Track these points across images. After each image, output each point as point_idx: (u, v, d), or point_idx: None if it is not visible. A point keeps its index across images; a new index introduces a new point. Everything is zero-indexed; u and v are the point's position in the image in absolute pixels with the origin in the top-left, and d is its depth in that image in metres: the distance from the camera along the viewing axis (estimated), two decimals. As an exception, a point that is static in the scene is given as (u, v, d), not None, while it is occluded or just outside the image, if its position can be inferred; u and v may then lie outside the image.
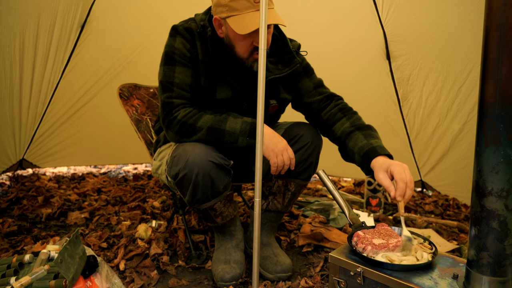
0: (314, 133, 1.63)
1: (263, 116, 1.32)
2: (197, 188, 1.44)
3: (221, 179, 1.47)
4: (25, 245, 1.90)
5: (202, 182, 1.43)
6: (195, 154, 1.42)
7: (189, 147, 1.44)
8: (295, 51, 1.64)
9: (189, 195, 1.47)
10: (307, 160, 1.59)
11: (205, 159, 1.41)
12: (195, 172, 1.41)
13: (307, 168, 1.61)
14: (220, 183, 1.47)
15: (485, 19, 0.98)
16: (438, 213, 2.50)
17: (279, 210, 1.69)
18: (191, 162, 1.41)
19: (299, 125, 1.65)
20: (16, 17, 2.26)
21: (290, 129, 1.65)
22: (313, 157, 1.60)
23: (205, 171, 1.41)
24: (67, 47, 2.59)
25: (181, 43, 1.49)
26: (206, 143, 1.46)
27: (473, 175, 1.05)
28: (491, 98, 0.98)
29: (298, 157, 1.57)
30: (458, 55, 2.33)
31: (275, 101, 1.61)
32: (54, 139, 2.94)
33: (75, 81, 2.76)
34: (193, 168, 1.40)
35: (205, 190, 1.46)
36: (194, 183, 1.43)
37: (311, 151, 1.58)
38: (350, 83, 2.83)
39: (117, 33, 2.71)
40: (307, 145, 1.58)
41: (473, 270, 1.06)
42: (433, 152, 2.68)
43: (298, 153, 1.57)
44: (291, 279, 1.64)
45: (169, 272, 1.69)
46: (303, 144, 1.58)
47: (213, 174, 1.43)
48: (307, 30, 2.80)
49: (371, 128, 1.56)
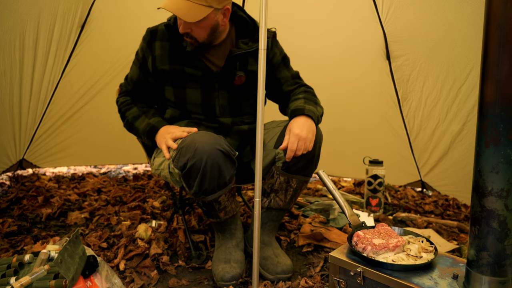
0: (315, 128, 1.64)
1: (263, 116, 1.32)
2: (205, 177, 1.46)
3: (227, 169, 1.50)
4: (25, 245, 1.90)
5: (210, 171, 1.45)
6: (204, 143, 1.45)
7: (196, 137, 1.48)
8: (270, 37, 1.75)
9: (197, 185, 1.49)
10: (308, 155, 1.58)
11: (213, 147, 1.45)
12: (204, 160, 1.43)
13: (309, 163, 1.61)
14: (227, 173, 1.50)
15: (485, 19, 0.98)
16: (438, 213, 2.50)
17: (281, 207, 1.69)
18: (200, 151, 1.43)
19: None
20: (16, 17, 2.26)
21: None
22: (315, 152, 1.60)
23: (213, 160, 1.44)
24: (67, 47, 2.59)
25: (140, 46, 1.74)
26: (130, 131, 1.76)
27: (473, 175, 1.05)
28: (491, 98, 0.98)
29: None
30: (458, 55, 2.33)
31: (242, 73, 1.69)
32: (54, 139, 2.94)
33: (75, 81, 2.76)
34: (202, 157, 1.43)
35: (212, 179, 1.48)
36: (203, 172, 1.45)
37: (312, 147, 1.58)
38: (350, 83, 2.84)
39: (117, 33, 2.72)
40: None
41: (473, 270, 1.06)
42: (433, 152, 2.68)
43: None
44: (291, 279, 1.64)
45: (169, 272, 1.69)
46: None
47: (220, 163, 1.46)
48: (307, 30, 2.80)
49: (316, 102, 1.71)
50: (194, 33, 1.57)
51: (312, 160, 1.61)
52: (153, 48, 1.68)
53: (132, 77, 1.78)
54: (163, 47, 1.67)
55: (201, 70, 1.66)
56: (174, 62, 1.67)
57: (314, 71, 2.88)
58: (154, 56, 1.68)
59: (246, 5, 2.86)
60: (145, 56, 1.71)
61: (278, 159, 1.62)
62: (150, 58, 1.69)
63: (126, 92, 1.81)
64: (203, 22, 1.55)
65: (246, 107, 1.75)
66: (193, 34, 1.58)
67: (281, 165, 1.61)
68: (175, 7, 1.49)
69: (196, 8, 1.50)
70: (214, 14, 1.56)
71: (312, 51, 2.82)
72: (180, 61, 1.66)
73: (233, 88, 1.70)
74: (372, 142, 2.91)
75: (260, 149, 1.32)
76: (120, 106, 1.80)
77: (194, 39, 1.59)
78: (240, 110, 1.74)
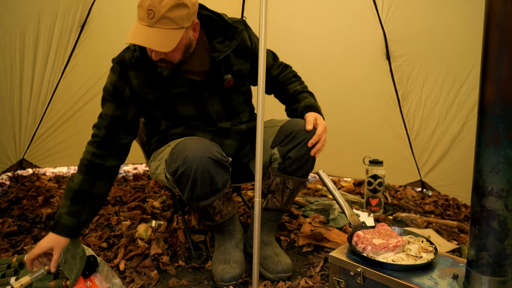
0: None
1: (263, 116, 1.32)
2: (196, 184, 1.45)
3: (219, 175, 1.48)
4: (25, 245, 1.90)
5: (201, 178, 1.43)
6: (194, 150, 1.43)
7: (188, 144, 1.46)
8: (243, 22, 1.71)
9: (188, 192, 1.48)
10: (304, 156, 1.58)
11: (203, 155, 1.42)
12: (194, 168, 1.41)
13: (304, 164, 1.60)
14: (219, 180, 1.48)
15: (485, 19, 0.98)
16: (438, 213, 2.50)
17: (279, 208, 1.69)
18: (190, 158, 1.41)
19: (295, 122, 1.63)
20: (16, 17, 2.26)
21: (286, 125, 1.64)
22: (310, 153, 1.59)
23: (203, 167, 1.42)
24: (67, 47, 2.59)
25: (109, 79, 1.58)
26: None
27: (473, 175, 1.05)
28: (491, 98, 0.98)
29: (295, 153, 1.57)
30: (457, 56, 2.33)
31: (229, 76, 1.63)
32: (54, 139, 2.94)
33: (75, 81, 2.76)
34: (191, 164, 1.41)
35: (204, 186, 1.46)
36: (193, 179, 1.43)
37: (307, 147, 1.57)
38: (350, 83, 2.84)
39: (117, 33, 2.71)
40: (303, 141, 1.56)
41: (473, 270, 1.06)
42: (433, 152, 2.68)
43: (295, 149, 1.57)
44: (291, 279, 1.64)
45: (169, 272, 1.69)
46: (299, 141, 1.57)
47: (211, 170, 1.44)
48: (308, 30, 2.80)
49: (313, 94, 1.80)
50: (169, 57, 1.49)
51: (308, 161, 1.60)
52: (127, 79, 1.56)
53: (107, 113, 1.58)
54: (138, 76, 1.56)
55: (186, 86, 1.59)
56: (156, 90, 1.58)
57: (314, 71, 2.88)
58: (131, 86, 1.56)
59: (246, 5, 2.86)
60: (119, 88, 1.56)
61: (274, 160, 1.62)
62: (127, 88, 1.56)
63: (96, 138, 1.58)
64: (177, 45, 1.45)
65: (239, 106, 1.73)
66: (168, 59, 1.49)
67: (277, 166, 1.61)
68: (147, 40, 1.39)
69: (168, 35, 1.40)
70: (186, 33, 1.46)
71: (312, 52, 2.82)
72: (162, 86, 1.58)
73: (223, 92, 1.66)
74: (372, 142, 2.90)
75: (260, 149, 1.32)
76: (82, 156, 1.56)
77: (169, 62, 1.50)
78: (235, 111, 1.71)
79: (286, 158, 1.58)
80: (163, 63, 1.50)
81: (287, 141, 1.58)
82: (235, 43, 1.61)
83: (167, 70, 1.53)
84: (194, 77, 1.61)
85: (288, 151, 1.58)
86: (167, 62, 1.50)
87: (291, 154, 1.57)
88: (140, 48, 1.54)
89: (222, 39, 1.64)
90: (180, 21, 1.40)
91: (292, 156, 1.57)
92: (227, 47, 1.61)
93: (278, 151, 1.60)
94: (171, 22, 1.39)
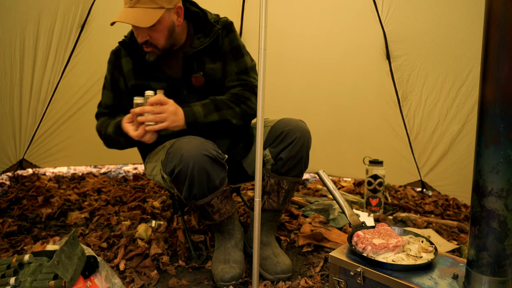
0: (301, 127, 1.59)
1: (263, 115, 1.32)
2: (193, 183, 1.45)
3: (216, 173, 1.48)
4: (25, 245, 1.90)
5: (198, 177, 1.44)
6: (189, 149, 1.43)
7: (183, 143, 1.46)
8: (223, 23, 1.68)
9: (186, 191, 1.48)
10: (296, 156, 1.57)
11: (199, 153, 1.42)
12: (190, 166, 1.41)
13: (297, 164, 1.59)
14: (216, 177, 1.48)
15: (485, 19, 0.98)
16: (438, 213, 2.50)
17: (275, 208, 1.69)
18: (186, 157, 1.42)
19: (286, 121, 1.62)
20: (16, 17, 2.26)
21: (276, 125, 1.63)
22: (303, 152, 1.58)
23: (200, 165, 1.42)
24: (67, 47, 2.59)
25: (107, 69, 1.73)
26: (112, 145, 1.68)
27: (473, 175, 1.05)
28: (491, 98, 0.98)
29: (287, 153, 1.56)
30: (457, 56, 2.33)
31: (199, 73, 1.64)
32: (54, 139, 2.94)
33: (75, 81, 2.76)
34: (188, 163, 1.41)
35: (201, 184, 1.46)
36: (190, 178, 1.43)
37: (299, 146, 1.56)
38: (350, 83, 2.84)
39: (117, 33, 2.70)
40: (295, 140, 1.55)
41: (473, 270, 1.06)
42: (433, 152, 2.68)
43: (286, 149, 1.56)
44: (291, 279, 1.64)
45: (169, 272, 1.69)
46: (291, 140, 1.56)
47: (208, 168, 1.44)
48: (308, 30, 2.80)
49: (229, 105, 1.60)
50: (153, 39, 1.55)
51: (300, 160, 1.59)
52: (121, 67, 1.68)
53: (106, 102, 1.74)
54: (127, 62, 1.67)
55: (165, 81, 1.64)
56: (139, 77, 1.66)
57: (315, 72, 2.89)
58: (123, 75, 1.67)
59: (246, 5, 2.86)
60: (115, 77, 1.69)
61: (266, 161, 1.62)
62: (121, 78, 1.68)
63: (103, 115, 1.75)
64: (159, 26, 1.52)
65: None
66: (152, 41, 1.55)
67: (270, 167, 1.61)
68: (127, 17, 1.49)
69: (148, 13, 1.49)
70: (168, 14, 1.54)
71: (312, 52, 2.82)
72: (145, 76, 1.65)
73: (199, 90, 1.65)
74: (372, 142, 2.91)
75: (260, 149, 1.32)
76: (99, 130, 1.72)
77: (154, 45, 1.57)
78: None
79: (278, 159, 1.58)
80: (149, 46, 1.57)
81: (278, 142, 1.58)
82: (208, 41, 1.63)
83: (153, 56, 1.59)
84: (173, 73, 1.65)
85: (280, 152, 1.57)
86: (151, 46, 1.57)
87: (283, 155, 1.56)
88: (131, 36, 1.65)
89: (201, 35, 1.66)
90: (159, 0, 1.50)
91: (283, 157, 1.56)
92: (200, 44, 1.64)
93: (269, 152, 1.60)
94: (150, 1, 1.49)
